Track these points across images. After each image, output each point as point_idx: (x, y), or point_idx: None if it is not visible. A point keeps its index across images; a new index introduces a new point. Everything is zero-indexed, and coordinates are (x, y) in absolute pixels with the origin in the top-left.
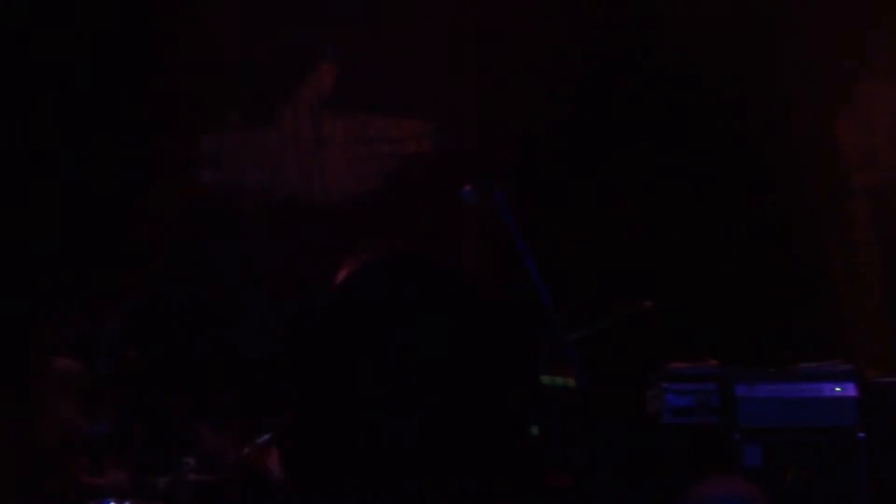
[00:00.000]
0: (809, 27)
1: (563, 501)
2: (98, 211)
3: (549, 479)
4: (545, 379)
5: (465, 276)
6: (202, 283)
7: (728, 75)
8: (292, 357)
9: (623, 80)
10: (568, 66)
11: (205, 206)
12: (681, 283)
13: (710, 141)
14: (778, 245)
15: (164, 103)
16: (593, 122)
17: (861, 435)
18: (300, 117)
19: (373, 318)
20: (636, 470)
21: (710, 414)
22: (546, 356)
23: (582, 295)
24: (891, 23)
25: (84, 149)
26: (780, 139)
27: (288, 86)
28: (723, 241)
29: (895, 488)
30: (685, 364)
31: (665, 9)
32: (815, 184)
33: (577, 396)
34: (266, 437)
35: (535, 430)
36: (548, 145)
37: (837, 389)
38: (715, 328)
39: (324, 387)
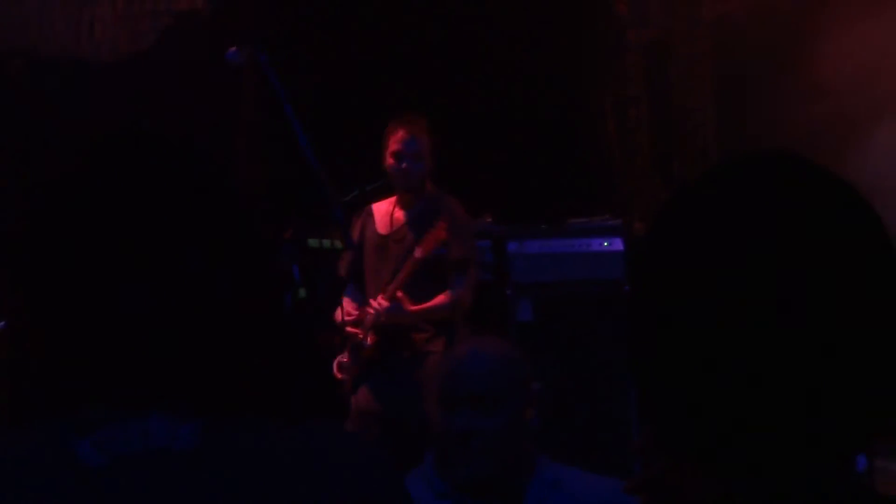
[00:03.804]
0: None
1: (332, 360)
2: None
3: (318, 338)
4: (312, 241)
5: (208, 154)
6: None
7: None
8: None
9: None
10: None
11: None
12: (454, 141)
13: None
14: (551, 102)
15: None
16: None
17: (627, 287)
18: None
19: (105, 197)
20: None
21: (484, 270)
22: (314, 219)
23: (351, 157)
24: None
25: None
26: None
27: None
28: (496, 98)
29: None
30: None
31: None
32: (589, 40)
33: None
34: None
35: (302, 292)
36: (319, 4)
37: (605, 244)
38: (489, 185)
39: (54, 269)
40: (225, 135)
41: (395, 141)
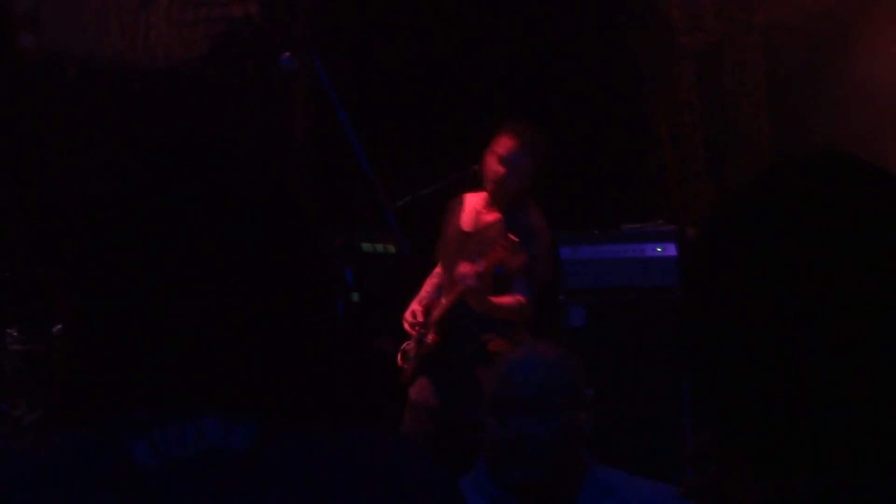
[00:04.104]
0: None
1: (387, 366)
2: None
3: (372, 344)
4: (365, 246)
5: (264, 159)
6: (23, 154)
7: None
8: (76, 245)
9: None
10: None
11: (24, 74)
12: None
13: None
14: (603, 107)
15: None
16: None
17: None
18: None
19: (158, 201)
20: None
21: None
22: (367, 223)
23: (406, 161)
24: None
25: None
26: (607, 2)
27: None
28: (548, 105)
29: None
30: None
31: None
32: (641, 46)
33: (398, 263)
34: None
35: (355, 296)
36: (372, 11)
37: (659, 249)
38: (542, 190)
39: (109, 277)
40: (278, 140)
41: (502, 146)
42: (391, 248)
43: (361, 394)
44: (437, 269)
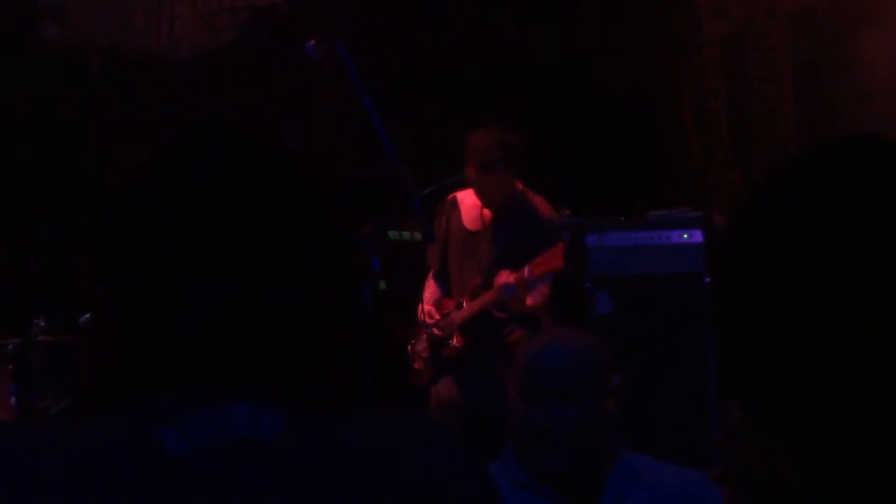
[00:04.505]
0: None
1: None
2: None
3: (397, 332)
4: (392, 234)
5: (285, 145)
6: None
7: None
8: (102, 233)
9: None
10: None
11: (48, 65)
12: (534, 135)
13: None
14: (629, 94)
15: None
16: None
17: (707, 280)
18: None
19: (184, 188)
20: None
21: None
22: (393, 211)
23: (431, 149)
24: None
25: None
26: None
27: None
28: (574, 92)
29: None
30: None
31: None
32: (667, 33)
33: (425, 251)
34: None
35: (382, 284)
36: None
37: (685, 236)
38: (566, 178)
39: (134, 262)
40: (304, 128)
41: (483, 150)
42: (418, 236)
43: (387, 380)
44: (432, 274)
